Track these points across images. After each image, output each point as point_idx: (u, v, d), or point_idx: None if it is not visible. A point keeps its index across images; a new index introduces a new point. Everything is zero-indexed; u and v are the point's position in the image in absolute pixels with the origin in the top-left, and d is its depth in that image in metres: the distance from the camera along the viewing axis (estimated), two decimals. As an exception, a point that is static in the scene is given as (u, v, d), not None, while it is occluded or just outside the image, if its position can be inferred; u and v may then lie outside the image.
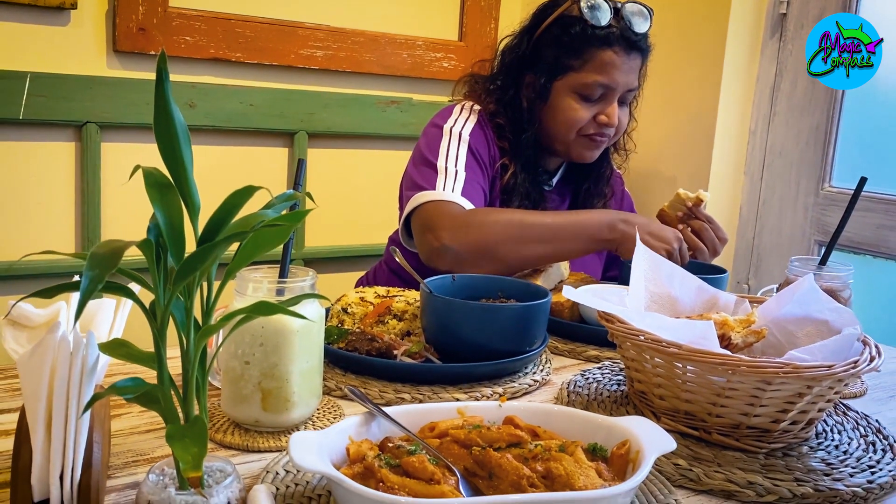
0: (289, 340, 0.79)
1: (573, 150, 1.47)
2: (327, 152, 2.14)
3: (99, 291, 0.55)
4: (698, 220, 1.39)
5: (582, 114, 1.42)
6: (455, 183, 1.37)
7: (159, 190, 0.57)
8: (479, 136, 1.45)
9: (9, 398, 0.89)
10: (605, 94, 1.42)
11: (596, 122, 1.43)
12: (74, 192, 1.80)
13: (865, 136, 1.76)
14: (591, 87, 1.41)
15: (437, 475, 0.63)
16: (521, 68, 1.47)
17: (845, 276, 1.13)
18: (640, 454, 0.68)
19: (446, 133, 1.45)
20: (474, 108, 1.50)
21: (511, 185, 1.45)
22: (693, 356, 0.78)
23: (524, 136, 1.45)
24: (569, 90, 1.42)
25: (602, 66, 1.39)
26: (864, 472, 0.80)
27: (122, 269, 0.54)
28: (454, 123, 1.46)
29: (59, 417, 0.58)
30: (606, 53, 1.39)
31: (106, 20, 1.76)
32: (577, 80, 1.41)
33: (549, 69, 1.43)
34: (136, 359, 0.59)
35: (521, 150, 1.46)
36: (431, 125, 1.49)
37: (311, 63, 2.04)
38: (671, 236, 1.29)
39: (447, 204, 1.34)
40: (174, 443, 0.52)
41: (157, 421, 0.85)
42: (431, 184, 1.37)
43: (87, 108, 1.75)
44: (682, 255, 1.29)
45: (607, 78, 1.40)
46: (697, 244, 1.36)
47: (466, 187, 1.37)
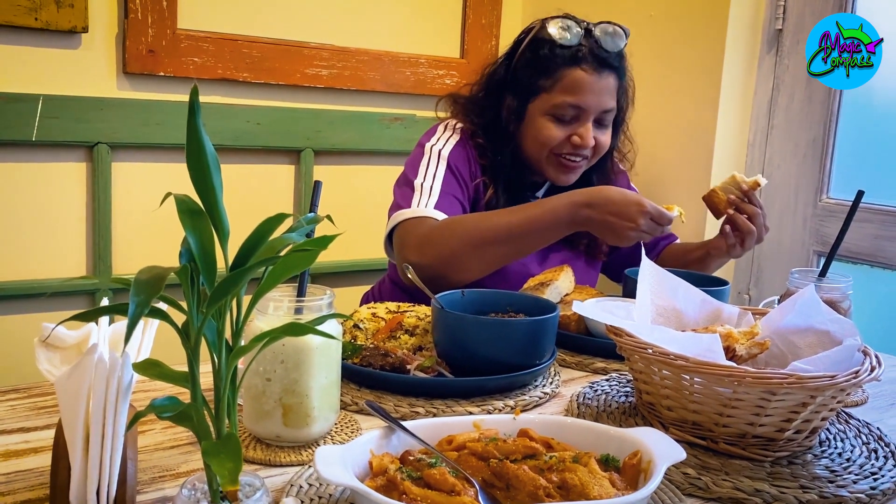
0: (309, 357, 0.82)
1: (548, 172, 1.48)
2: (333, 169, 2.17)
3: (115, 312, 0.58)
4: (752, 206, 1.40)
5: (554, 133, 1.43)
6: (430, 199, 1.40)
7: (191, 216, 0.60)
8: (460, 154, 1.48)
9: (35, 416, 0.92)
10: (578, 115, 1.42)
11: (570, 143, 1.43)
12: (85, 211, 1.83)
13: (862, 148, 1.80)
14: (562, 107, 1.41)
15: (457, 487, 0.65)
16: (500, 91, 1.50)
17: (844, 288, 1.16)
18: (651, 464, 0.71)
19: (427, 152, 1.48)
20: (457, 127, 1.53)
21: (493, 203, 1.47)
22: (701, 368, 0.81)
23: (501, 157, 1.48)
24: (542, 112, 1.44)
25: (572, 86, 1.40)
26: (866, 478, 0.82)
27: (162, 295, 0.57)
28: (436, 142, 1.50)
29: (95, 435, 0.60)
30: (576, 72, 1.40)
31: (116, 43, 1.80)
32: (549, 101, 1.42)
33: (524, 91, 1.46)
34: (169, 378, 0.61)
35: (499, 170, 1.49)
36: (417, 145, 1.53)
37: (316, 82, 2.08)
38: (635, 212, 1.23)
39: (418, 221, 1.37)
40: (211, 458, 0.54)
41: (179, 437, 0.87)
42: (408, 202, 1.41)
43: (98, 129, 1.78)
44: (650, 230, 1.25)
45: (577, 98, 1.40)
46: (750, 228, 1.38)
47: (441, 200, 1.40)
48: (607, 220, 1.25)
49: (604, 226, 1.27)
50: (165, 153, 1.90)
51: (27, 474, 0.77)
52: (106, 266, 1.85)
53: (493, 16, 2.39)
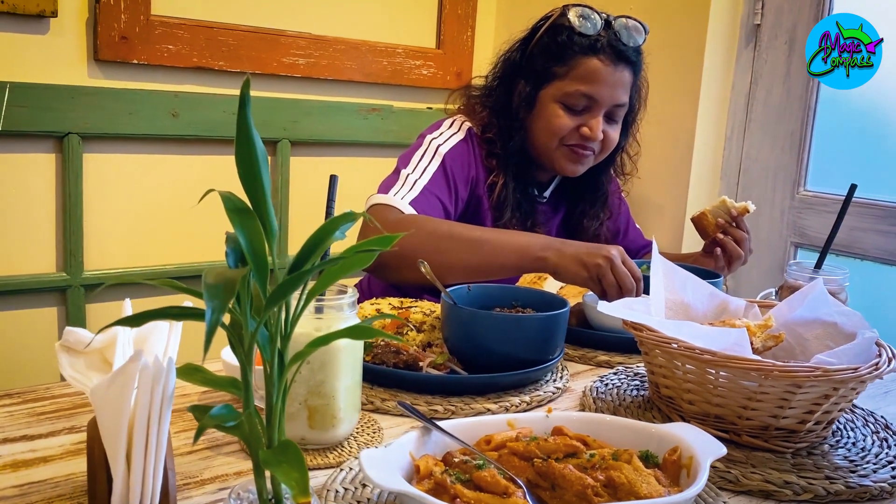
0: (335, 357, 0.80)
1: (557, 162, 1.46)
2: (310, 160, 2.13)
3: (184, 317, 0.55)
4: (740, 231, 1.43)
5: (564, 121, 1.41)
6: (409, 192, 1.36)
7: (239, 214, 0.57)
8: (460, 154, 1.44)
9: (36, 423, 0.87)
10: (590, 106, 1.41)
11: (579, 134, 1.42)
12: (56, 205, 1.76)
13: (839, 141, 1.84)
14: (574, 96, 1.40)
15: (510, 489, 0.64)
16: (514, 77, 1.48)
17: (841, 280, 1.19)
18: (693, 460, 0.71)
19: (425, 144, 1.45)
20: (464, 125, 1.50)
21: (502, 197, 1.45)
22: (729, 362, 0.82)
23: (511, 143, 1.46)
24: (553, 99, 1.43)
25: (586, 75, 1.39)
26: (884, 467, 0.84)
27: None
28: (438, 136, 1.47)
29: (139, 446, 0.57)
30: (591, 62, 1.39)
31: (87, 29, 1.73)
32: (561, 88, 1.41)
33: (537, 77, 1.44)
34: (213, 383, 0.59)
35: (509, 158, 1.46)
36: (420, 135, 1.50)
37: (293, 71, 2.03)
38: (604, 265, 1.13)
39: (386, 207, 1.33)
40: (274, 468, 0.52)
41: (191, 442, 0.84)
42: (387, 189, 1.38)
43: (68, 119, 1.71)
44: (611, 284, 1.13)
45: (590, 88, 1.39)
46: (738, 252, 1.41)
47: (420, 197, 1.36)
48: (574, 268, 1.16)
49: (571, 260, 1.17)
50: (140, 144, 1.84)
51: (42, 486, 0.73)
52: (77, 262, 1.78)
53: (469, 6, 2.37)
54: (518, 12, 2.27)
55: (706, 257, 1.48)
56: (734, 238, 1.44)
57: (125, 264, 1.87)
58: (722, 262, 1.45)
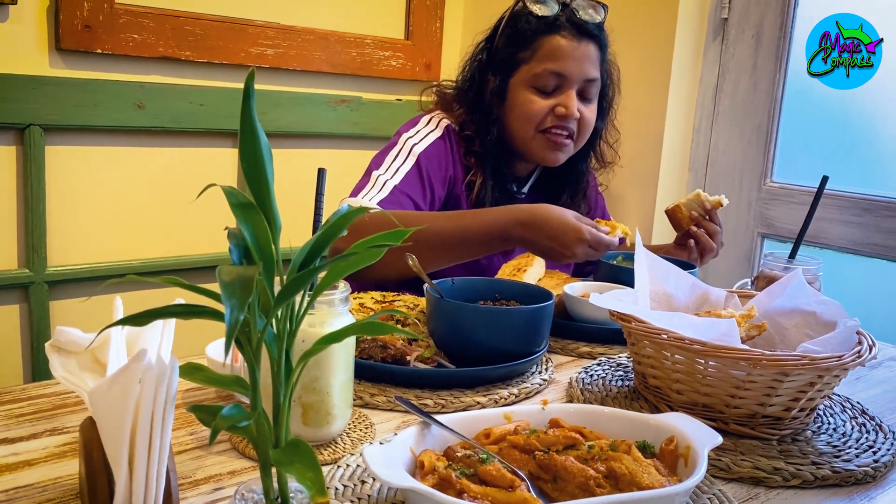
0: (329, 354, 0.79)
1: (536, 152, 1.45)
2: (279, 152, 2.09)
3: (189, 316, 0.54)
4: (713, 224, 1.45)
5: (538, 105, 1.41)
6: (379, 193, 1.35)
7: (243, 210, 0.56)
8: (436, 153, 1.43)
9: (15, 425, 0.84)
10: (560, 84, 1.41)
11: (554, 115, 1.41)
12: (17, 199, 1.70)
13: (804, 134, 1.88)
14: (543, 76, 1.40)
15: (515, 482, 0.64)
16: (483, 74, 1.48)
17: (815, 269, 1.22)
18: (690, 449, 0.72)
19: (400, 143, 1.44)
20: (441, 122, 1.49)
21: (481, 195, 1.44)
22: (719, 352, 0.83)
23: (489, 138, 1.45)
24: (523, 84, 1.42)
25: (551, 53, 1.39)
26: (865, 452, 0.87)
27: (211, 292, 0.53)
28: (414, 135, 1.46)
29: (142, 448, 0.56)
30: (554, 39, 1.39)
31: (48, 17, 1.67)
32: (529, 71, 1.41)
33: (504, 67, 1.44)
34: (216, 382, 0.57)
35: (487, 155, 1.46)
36: (397, 132, 1.48)
37: (261, 62, 2.00)
38: (573, 240, 1.17)
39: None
40: (286, 468, 0.51)
41: (183, 441, 0.82)
42: (358, 192, 1.37)
43: (29, 110, 1.65)
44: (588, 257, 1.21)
45: (557, 65, 1.39)
46: (711, 245, 1.44)
47: (390, 196, 1.35)
48: (543, 243, 1.20)
49: (539, 249, 1.22)
50: (103, 136, 1.79)
51: (29, 490, 0.71)
52: (41, 258, 1.72)
53: (438, -3, 2.36)
54: (486, 2, 2.27)
55: (679, 249, 1.51)
56: (707, 231, 1.46)
57: (90, 260, 1.82)
58: (695, 253, 1.48)
